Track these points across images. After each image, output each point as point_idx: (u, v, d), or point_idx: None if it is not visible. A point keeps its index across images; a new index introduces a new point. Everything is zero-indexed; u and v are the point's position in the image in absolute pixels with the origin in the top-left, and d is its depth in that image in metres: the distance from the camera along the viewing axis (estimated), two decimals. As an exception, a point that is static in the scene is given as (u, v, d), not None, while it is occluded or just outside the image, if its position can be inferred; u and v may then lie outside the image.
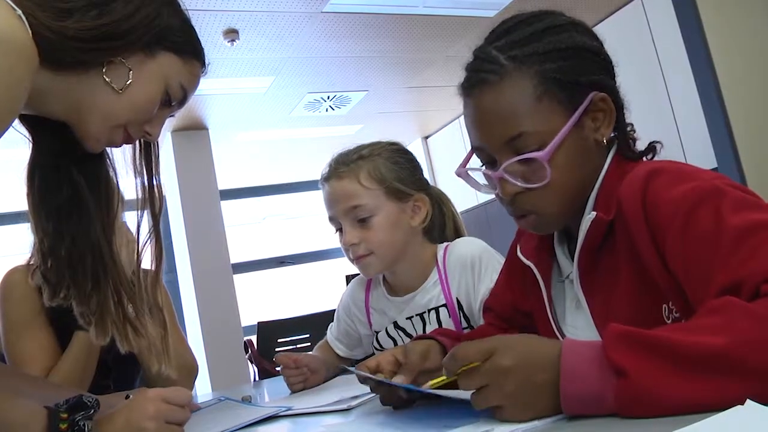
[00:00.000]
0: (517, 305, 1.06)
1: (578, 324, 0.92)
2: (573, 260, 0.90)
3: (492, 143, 0.86)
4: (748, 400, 0.56)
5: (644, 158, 0.92)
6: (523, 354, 0.68)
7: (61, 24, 0.82)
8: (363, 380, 0.96)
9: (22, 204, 1.00)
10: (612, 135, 0.90)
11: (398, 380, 0.90)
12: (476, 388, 0.69)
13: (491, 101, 0.85)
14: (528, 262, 0.98)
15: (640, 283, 0.81)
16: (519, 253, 1.01)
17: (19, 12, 0.78)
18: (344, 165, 1.39)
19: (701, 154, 3.60)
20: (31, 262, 1.53)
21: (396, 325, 1.47)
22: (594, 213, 0.84)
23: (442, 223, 1.51)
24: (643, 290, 0.81)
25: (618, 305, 0.84)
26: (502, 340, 0.70)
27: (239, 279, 5.36)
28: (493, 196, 0.91)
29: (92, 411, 0.89)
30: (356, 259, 1.40)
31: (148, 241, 1.05)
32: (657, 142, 0.93)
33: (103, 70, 0.87)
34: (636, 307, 0.81)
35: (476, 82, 0.87)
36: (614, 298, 0.84)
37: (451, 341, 1.02)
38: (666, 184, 0.77)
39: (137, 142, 1.01)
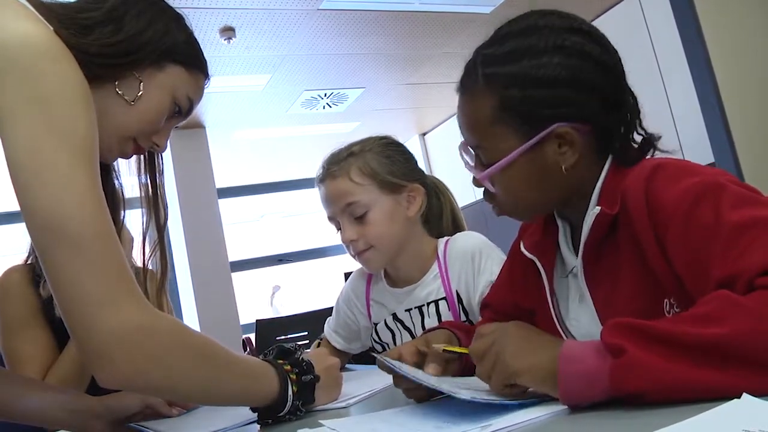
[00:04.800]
0: (518, 302, 1.06)
1: (581, 318, 0.93)
2: (577, 254, 0.91)
3: (466, 141, 0.93)
4: (744, 394, 0.56)
5: (644, 156, 0.91)
6: (519, 332, 0.77)
7: (83, 41, 0.86)
8: (387, 370, 0.94)
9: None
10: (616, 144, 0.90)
11: (430, 370, 0.91)
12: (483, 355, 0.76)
13: (463, 107, 0.92)
14: (531, 256, 0.99)
15: (643, 277, 0.82)
16: (522, 248, 1.02)
17: (52, 29, 0.83)
18: (336, 164, 1.41)
19: (698, 151, 3.60)
20: (29, 261, 1.54)
21: (395, 317, 1.48)
22: (598, 207, 0.84)
23: (440, 212, 1.52)
24: (646, 284, 0.82)
25: (621, 299, 0.85)
26: (500, 331, 0.77)
27: (237, 277, 5.36)
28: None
29: (299, 353, 1.01)
30: (357, 255, 1.42)
31: (154, 252, 1.06)
32: (654, 137, 0.91)
33: (116, 83, 0.91)
34: (638, 301, 0.83)
35: (460, 85, 0.92)
36: (617, 291, 0.86)
37: (463, 334, 1.04)
38: (668, 180, 0.79)
39: (142, 155, 1.03)
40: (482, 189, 0.93)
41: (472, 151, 0.92)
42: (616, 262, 0.86)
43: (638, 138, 0.91)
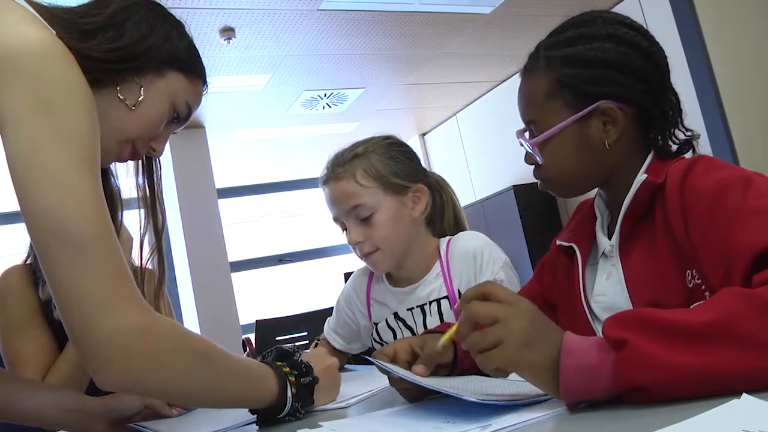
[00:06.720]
0: (545, 296, 1.10)
1: (608, 292, 0.97)
2: (611, 235, 0.98)
3: (522, 118, 1.03)
4: (744, 394, 0.56)
5: (683, 155, 0.99)
6: (530, 320, 0.72)
7: (85, 45, 0.86)
8: (383, 371, 0.96)
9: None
10: (652, 137, 0.99)
11: (418, 370, 0.93)
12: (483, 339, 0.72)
13: (524, 87, 1.02)
14: (569, 244, 1.06)
15: (671, 252, 0.88)
16: (558, 241, 1.09)
17: (54, 32, 0.83)
18: (340, 166, 1.41)
19: (698, 151, 3.60)
20: (29, 262, 1.53)
21: (396, 316, 1.48)
22: (645, 175, 0.91)
23: (442, 210, 1.53)
24: (672, 257, 0.87)
25: (649, 271, 0.90)
26: (512, 308, 0.73)
27: (237, 277, 5.36)
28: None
29: (298, 355, 1.01)
30: (364, 257, 1.42)
31: (152, 256, 1.06)
32: (695, 135, 1.00)
33: (118, 88, 0.91)
34: (664, 272, 0.88)
35: (523, 69, 1.03)
36: (648, 264, 0.91)
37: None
38: (705, 169, 0.87)
39: (140, 160, 1.04)
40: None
41: (527, 134, 1.02)
42: (650, 239, 0.91)
43: (680, 134, 1.00)
